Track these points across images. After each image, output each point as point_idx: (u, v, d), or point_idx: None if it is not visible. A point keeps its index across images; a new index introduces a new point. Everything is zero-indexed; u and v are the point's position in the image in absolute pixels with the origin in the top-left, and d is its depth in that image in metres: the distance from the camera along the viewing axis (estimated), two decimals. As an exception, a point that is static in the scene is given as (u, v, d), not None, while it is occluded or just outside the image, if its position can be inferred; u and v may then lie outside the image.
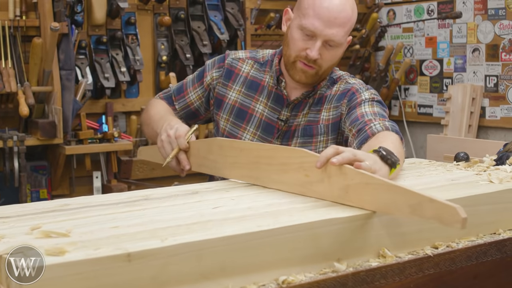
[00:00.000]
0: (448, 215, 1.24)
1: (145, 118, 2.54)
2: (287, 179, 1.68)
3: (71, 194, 4.04)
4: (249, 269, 1.25)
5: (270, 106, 2.38)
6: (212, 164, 2.04)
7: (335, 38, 2.24)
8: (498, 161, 2.06)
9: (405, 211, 1.33)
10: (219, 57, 2.52)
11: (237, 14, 4.50)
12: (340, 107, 2.33)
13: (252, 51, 2.52)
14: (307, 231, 1.32)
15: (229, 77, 2.45)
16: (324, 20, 2.21)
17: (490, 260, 1.55)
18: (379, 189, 1.40)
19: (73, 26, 3.89)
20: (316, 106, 2.37)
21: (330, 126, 2.34)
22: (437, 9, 4.87)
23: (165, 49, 4.40)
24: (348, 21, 2.27)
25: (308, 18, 2.22)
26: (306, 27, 2.22)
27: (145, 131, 2.59)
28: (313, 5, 2.23)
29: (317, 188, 1.57)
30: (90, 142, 3.92)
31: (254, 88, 2.42)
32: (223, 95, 2.44)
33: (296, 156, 1.66)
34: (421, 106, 5.04)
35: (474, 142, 3.99)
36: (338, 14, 2.22)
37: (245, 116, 2.40)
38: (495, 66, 4.51)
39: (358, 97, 2.31)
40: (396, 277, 1.38)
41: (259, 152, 1.82)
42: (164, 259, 1.15)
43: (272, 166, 1.74)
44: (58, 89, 3.73)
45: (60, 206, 1.55)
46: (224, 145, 2.00)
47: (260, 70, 2.44)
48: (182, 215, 1.42)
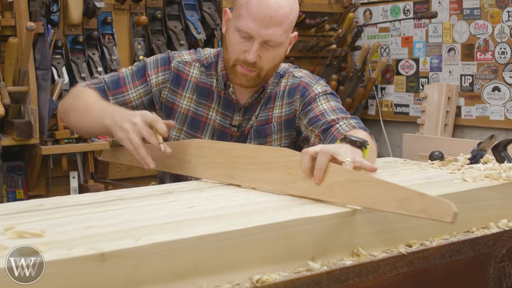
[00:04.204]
0: (438, 210, 1.25)
1: (75, 107, 2.24)
2: (269, 178, 1.68)
3: (47, 194, 4.02)
4: (224, 268, 1.24)
5: (222, 112, 2.30)
6: (186, 164, 2.02)
7: (273, 38, 2.12)
8: (472, 160, 2.08)
9: (392, 206, 1.35)
10: (162, 56, 2.35)
11: (214, 13, 4.49)
12: (293, 103, 2.28)
13: (195, 52, 2.38)
14: (281, 230, 1.32)
15: (178, 83, 2.31)
16: (258, 21, 2.09)
17: (464, 258, 1.56)
18: (367, 185, 1.42)
19: (49, 25, 3.87)
20: (266, 105, 2.30)
21: (283, 123, 2.29)
22: (413, 9, 4.90)
23: (141, 49, 4.39)
24: (286, 18, 2.13)
25: (243, 19, 2.11)
26: (242, 29, 2.12)
27: (76, 122, 2.28)
28: (247, 4, 2.11)
29: (300, 186, 1.58)
30: (67, 142, 3.89)
31: (205, 95, 2.30)
32: (173, 103, 2.31)
33: (281, 155, 1.67)
34: (398, 106, 5.07)
35: (449, 141, 4.03)
36: (274, 12, 2.09)
37: (199, 125, 2.30)
38: (471, 65, 4.54)
39: (310, 91, 2.25)
40: (370, 276, 1.39)
41: (240, 152, 1.82)
42: (137, 259, 1.14)
43: (254, 165, 1.75)
44: (34, 89, 3.71)
45: (35, 207, 1.54)
46: (203, 145, 1.99)
47: (207, 74, 2.31)
48: (156, 214, 1.42)
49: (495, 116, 4.42)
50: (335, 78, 4.97)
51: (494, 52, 4.41)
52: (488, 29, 4.44)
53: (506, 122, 4.36)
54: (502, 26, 4.36)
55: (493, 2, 4.39)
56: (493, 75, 4.42)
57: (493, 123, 4.43)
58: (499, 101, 4.40)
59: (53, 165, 3.99)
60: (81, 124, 2.26)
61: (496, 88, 4.41)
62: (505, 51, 4.35)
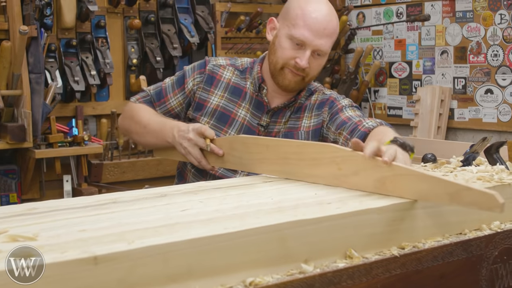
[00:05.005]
0: (486, 201, 1.35)
1: (136, 127, 2.53)
2: (320, 172, 1.78)
3: (41, 198, 4.02)
4: (216, 271, 1.25)
5: (252, 112, 2.48)
6: (238, 160, 2.16)
7: (324, 48, 2.35)
8: (465, 162, 2.08)
9: (445, 199, 1.46)
10: (199, 63, 2.57)
11: (207, 17, 4.50)
12: (321, 115, 2.47)
13: (231, 59, 2.59)
14: (274, 233, 1.33)
15: (211, 82, 2.50)
16: (313, 31, 2.31)
17: (456, 260, 1.56)
18: (417, 179, 1.51)
19: (42, 29, 3.87)
20: (296, 114, 2.49)
21: (311, 132, 2.46)
22: (406, 12, 4.91)
23: (135, 52, 4.39)
24: (335, 31, 2.38)
25: (298, 28, 2.32)
26: (297, 37, 2.32)
27: (141, 141, 2.60)
28: (303, 15, 2.32)
29: (352, 180, 1.68)
30: (60, 146, 3.89)
31: (237, 94, 2.50)
32: (204, 100, 2.49)
33: (327, 151, 1.76)
34: (391, 108, 5.08)
35: (442, 143, 4.04)
36: (326, 24, 2.32)
37: (227, 119, 2.47)
38: (463, 68, 4.55)
39: (337, 104, 2.45)
40: (363, 278, 1.39)
41: (286, 148, 1.92)
42: (130, 262, 1.15)
43: (303, 161, 1.84)
44: (27, 93, 3.70)
45: (28, 210, 1.54)
46: (248, 142, 2.10)
47: (241, 77, 2.52)
48: (150, 218, 1.43)
49: (488, 119, 4.44)
50: (328, 81, 4.98)
51: (487, 54, 4.42)
52: (480, 31, 4.45)
53: (499, 125, 4.37)
54: (495, 29, 4.37)
55: (485, 4, 4.40)
56: (485, 78, 4.44)
57: (486, 126, 4.44)
58: (492, 104, 4.41)
59: (46, 169, 3.99)
60: (146, 143, 2.61)
61: (489, 91, 4.42)
62: (497, 54, 4.36)
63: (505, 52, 4.32)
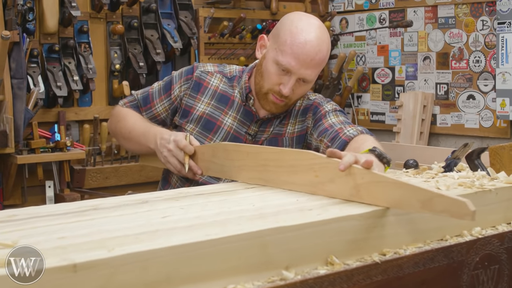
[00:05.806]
0: (457, 209, 1.34)
1: (122, 132, 2.54)
2: (297, 180, 1.77)
3: (23, 204, 3.99)
4: (197, 278, 1.24)
5: (240, 120, 2.46)
6: (219, 167, 2.16)
7: (309, 77, 2.34)
8: (446, 168, 2.09)
9: (416, 206, 1.44)
10: (187, 68, 2.55)
11: (190, 22, 4.49)
12: (306, 121, 2.46)
13: (219, 65, 2.57)
14: (255, 240, 1.32)
15: (198, 89, 2.48)
16: (300, 60, 2.26)
17: (437, 266, 1.57)
18: (390, 186, 1.50)
19: (25, 34, 3.85)
20: (282, 121, 2.47)
21: (295, 138, 2.46)
22: (389, 18, 4.93)
23: (118, 58, 4.38)
24: (323, 61, 2.34)
25: (285, 55, 2.28)
26: (283, 64, 2.28)
27: (127, 146, 2.64)
28: (291, 43, 2.27)
29: (329, 187, 1.67)
30: (42, 151, 3.87)
31: (224, 102, 2.47)
32: (190, 107, 2.47)
33: (305, 158, 1.76)
34: (374, 114, 5.09)
35: (423, 149, 4.05)
36: (314, 55, 2.28)
37: (213, 127, 2.45)
38: (446, 74, 4.58)
39: (321, 109, 2.44)
40: (344, 284, 1.39)
41: (266, 155, 1.92)
42: (110, 269, 1.14)
43: (281, 168, 1.83)
44: (9, 98, 3.68)
45: (8, 217, 1.53)
46: (230, 149, 2.10)
47: (229, 85, 2.50)
48: (130, 224, 1.42)
49: (470, 124, 4.46)
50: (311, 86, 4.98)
51: (469, 60, 4.45)
52: (462, 38, 4.48)
53: (481, 130, 4.39)
54: (477, 35, 4.40)
55: (467, 11, 4.43)
56: (467, 84, 4.46)
57: (468, 131, 4.47)
58: (474, 109, 4.44)
59: (28, 175, 3.96)
60: (131, 148, 2.67)
61: (471, 96, 4.45)
62: (479, 60, 4.39)
63: (487, 58, 4.35)
